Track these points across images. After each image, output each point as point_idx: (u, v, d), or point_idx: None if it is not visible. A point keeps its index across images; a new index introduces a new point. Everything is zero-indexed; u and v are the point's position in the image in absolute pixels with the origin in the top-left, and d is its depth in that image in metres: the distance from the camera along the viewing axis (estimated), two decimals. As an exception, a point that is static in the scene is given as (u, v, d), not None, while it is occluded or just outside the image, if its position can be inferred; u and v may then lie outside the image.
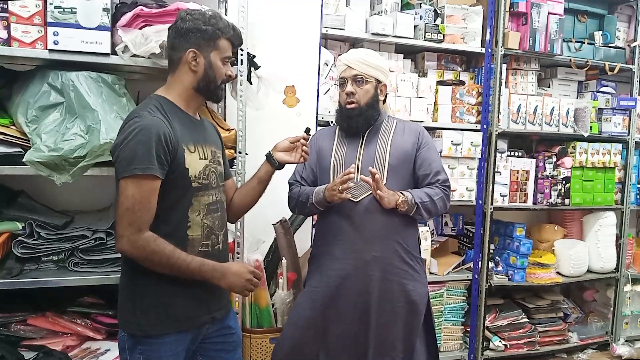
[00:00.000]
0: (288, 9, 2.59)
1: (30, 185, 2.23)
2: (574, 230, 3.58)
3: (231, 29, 1.61)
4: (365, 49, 2.19)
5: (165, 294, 1.53)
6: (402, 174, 2.01)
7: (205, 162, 1.60)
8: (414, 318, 2.03)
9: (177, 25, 1.58)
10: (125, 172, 1.43)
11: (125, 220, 1.43)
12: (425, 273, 2.12)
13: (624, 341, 3.50)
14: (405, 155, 2.01)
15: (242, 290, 1.58)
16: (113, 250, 2.01)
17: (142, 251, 1.44)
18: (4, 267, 1.92)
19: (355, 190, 1.96)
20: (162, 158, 1.45)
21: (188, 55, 1.55)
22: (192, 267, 1.49)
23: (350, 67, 1.99)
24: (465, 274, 3.12)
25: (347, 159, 2.02)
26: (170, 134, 1.48)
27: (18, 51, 1.86)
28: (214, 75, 1.59)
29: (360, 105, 1.99)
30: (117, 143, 1.48)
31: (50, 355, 1.92)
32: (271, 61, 2.36)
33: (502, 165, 3.15)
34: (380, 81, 2.03)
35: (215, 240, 1.63)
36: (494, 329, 3.22)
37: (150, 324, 1.52)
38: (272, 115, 2.42)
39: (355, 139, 2.05)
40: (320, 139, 2.13)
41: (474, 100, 3.09)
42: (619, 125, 3.44)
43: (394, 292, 1.98)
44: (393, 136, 2.03)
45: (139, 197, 1.43)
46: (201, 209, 1.57)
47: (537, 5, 3.06)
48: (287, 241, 2.42)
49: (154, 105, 1.52)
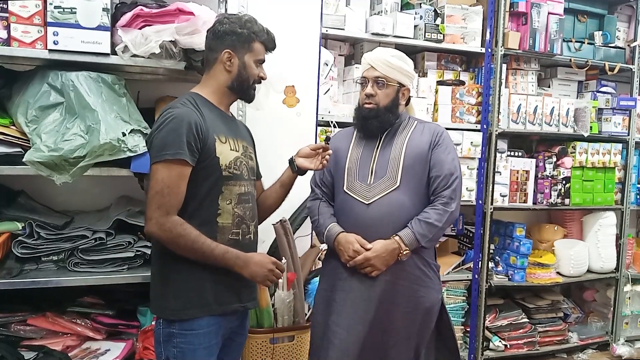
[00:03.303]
0: (288, 9, 2.58)
1: (30, 185, 2.23)
2: (574, 230, 3.58)
3: (265, 33, 1.69)
4: (392, 49, 2.04)
5: (195, 277, 1.58)
6: (417, 174, 1.92)
7: (236, 154, 1.66)
8: (425, 326, 1.97)
9: (214, 28, 1.66)
10: (156, 158, 1.51)
11: (154, 203, 1.50)
12: (439, 279, 2.02)
13: (624, 341, 3.50)
14: (421, 154, 1.93)
15: (263, 280, 1.63)
16: (113, 250, 2.00)
17: (168, 234, 1.50)
18: (4, 267, 1.92)
19: (367, 192, 1.92)
20: (192, 145, 1.52)
21: (223, 55, 1.64)
22: (216, 253, 1.55)
23: (373, 68, 1.92)
24: (465, 274, 3.12)
25: (362, 161, 1.97)
26: (200, 123, 1.55)
27: (18, 51, 1.86)
28: (247, 75, 1.67)
29: (379, 107, 1.93)
30: (151, 132, 1.57)
31: (50, 355, 1.92)
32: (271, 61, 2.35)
33: (502, 165, 3.15)
34: (403, 85, 1.96)
35: (246, 229, 1.68)
36: (494, 329, 3.22)
37: (182, 308, 1.57)
38: (272, 115, 2.42)
39: (373, 141, 1.99)
40: (337, 140, 2.09)
41: (474, 100, 3.09)
42: (619, 125, 3.44)
43: (403, 296, 1.92)
44: (410, 137, 1.96)
45: (168, 181, 1.49)
46: (232, 198, 1.63)
47: (537, 5, 3.06)
48: (287, 241, 2.42)
49: (186, 99, 1.60)
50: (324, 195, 2.07)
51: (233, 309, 1.67)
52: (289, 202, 2.35)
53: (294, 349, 2.38)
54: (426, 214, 1.90)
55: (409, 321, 1.94)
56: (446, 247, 3.25)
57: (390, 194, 1.90)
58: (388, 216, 1.89)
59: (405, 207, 1.91)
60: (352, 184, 1.96)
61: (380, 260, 1.86)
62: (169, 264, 1.58)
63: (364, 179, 1.94)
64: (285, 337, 2.37)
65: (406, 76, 1.96)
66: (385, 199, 1.90)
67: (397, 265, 1.90)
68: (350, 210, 1.94)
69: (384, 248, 1.86)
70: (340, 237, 1.92)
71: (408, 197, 1.91)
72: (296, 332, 2.38)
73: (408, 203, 1.91)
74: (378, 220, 1.90)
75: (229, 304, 1.65)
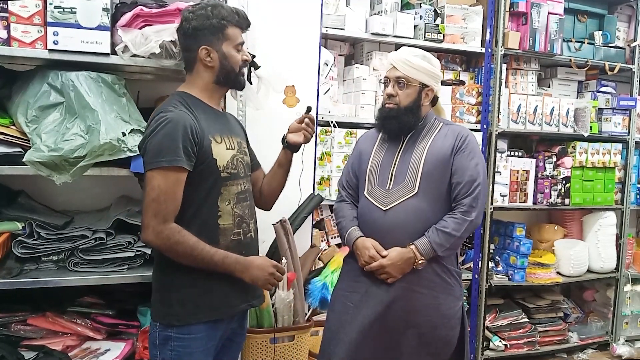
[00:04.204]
0: (288, 9, 2.58)
1: (30, 185, 2.23)
2: (574, 230, 3.58)
3: (235, 14, 1.61)
4: (415, 48, 1.97)
5: (202, 282, 1.55)
6: (437, 181, 1.86)
7: (232, 152, 1.63)
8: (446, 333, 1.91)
9: (182, 27, 1.59)
10: (152, 164, 1.47)
11: (151, 211, 1.46)
12: (461, 286, 1.98)
13: (624, 341, 3.50)
14: (442, 159, 1.87)
15: (265, 284, 1.60)
16: (113, 250, 2.00)
17: (166, 241, 1.47)
18: (4, 267, 1.92)
19: (385, 198, 1.89)
20: (188, 150, 1.48)
21: (201, 53, 1.57)
22: (216, 259, 1.52)
23: (394, 68, 1.89)
24: (466, 274, 3.11)
25: (382, 165, 1.94)
26: (195, 126, 1.51)
27: (18, 51, 1.86)
28: (231, 65, 1.61)
29: (399, 107, 1.89)
30: (144, 137, 1.52)
31: (50, 355, 1.92)
32: (271, 61, 2.35)
33: (502, 165, 3.15)
34: (426, 85, 1.90)
35: (247, 228, 1.66)
36: (494, 328, 3.22)
37: (189, 313, 1.54)
38: (272, 115, 2.41)
39: (396, 143, 1.95)
40: (363, 142, 2.08)
41: (474, 100, 3.09)
42: (619, 125, 3.44)
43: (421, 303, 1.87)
44: (433, 141, 1.91)
45: (164, 188, 1.46)
46: (231, 198, 1.60)
47: (537, 5, 3.06)
48: (287, 241, 2.42)
49: (177, 101, 1.56)
50: (349, 197, 2.05)
51: (241, 309, 1.65)
52: (289, 202, 2.36)
53: (294, 349, 2.38)
54: (444, 222, 1.85)
55: (429, 328, 1.89)
56: (446, 247, 3.25)
57: (408, 200, 1.86)
58: (404, 223, 1.86)
59: (423, 213, 1.86)
60: (372, 188, 1.94)
61: (395, 268, 1.83)
62: (172, 269, 1.54)
63: (382, 184, 1.92)
64: (285, 337, 2.38)
65: (430, 76, 1.90)
66: (402, 205, 1.86)
67: (413, 273, 1.86)
68: (369, 215, 1.93)
69: (399, 256, 1.83)
70: (358, 242, 1.91)
71: (427, 204, 1.87)
72: (296, 332, 2.38)
73: (427, 210, 1.86)
74: (394, 227, 1.86)
75: (237, 305, 1.63)
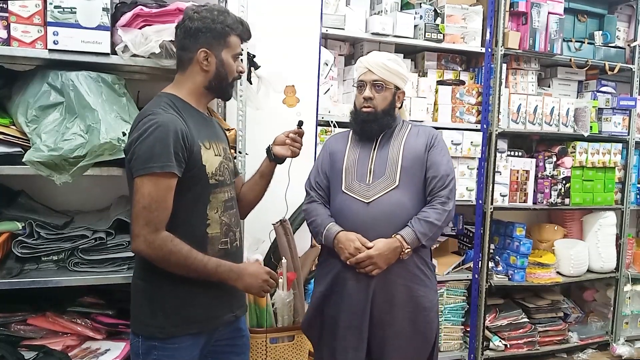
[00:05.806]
0: (288, 8, 2.59)
1: (30, 185, 2.23)
2: (574, 230, 3.58)
3: (240, 24, 1.58)
4: (388, 53, 2.08)
5: (187, 294, 1.50)
6: (415, 175, 1.95)
7: (220, 159, 1.59)
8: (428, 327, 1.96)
9: (185, 25, 1.54)
10: (142, 170, 1.39)
11: (141, 220, 1.39)
12: (436, 279, 2.05)
13: (624, 341, 3.50)
14: (418, 157, 1.96)
15: (259, 291, 1.57)
16: (113, 250, 2.00)
17: (159, 251, 1.41)
18: (4, 267, 1.92)
19: (366, 192, 1.93)
20: (179, 155, 1.42)
21: (199, 55, 1.52)
22: (209, 268, 1.47)
23: (370, 71, 1.94)
24: (465, 274, 3.12)
25: (359, 161, 1.98)
26: (186, 131, 1.45)
27: (18, 51, 1.85)
28: (226, 73, 1.57)
29: (377, 111, 1.94)
30: (132, 140, 1.43)
31: (50, 355, 1.91)
32: (271, 61, 2.36)
33: (502, 165, 3.15)
34: (399, 88, 1.99)
35: (233, 237, 1.62)
36: (494, 328, 3.22)
37: (174, 325, 1.49)
38: (272, 115, 2.42)
39: (369, 143, 2.01)
40: (333, 143, 2.11)
41: (474, 100, 3.09)
42: (619, 125, 3.44)
43: (402, 295, 1.92)
44: (406, 139, 1.99)
45: (155, 195, 1.39)
46: (219, 206, 1.56)
47: (537, 5, 3.06)
48: (287, 241, 2.42)
49: (165, 103, 1.50)
50: (320, 198, 2.06)
51: (225, 321, 1.61)
52: (289, 202, 2.36)
53: (294, 349, 2.38)
54: (425, 213, 1.92)
55: (409, 321, 1.94)
56: (446, 247, 3.25)
57: (390, 193, 1.92)
58: (388, 215, 1.91)
59: (404, 206, 1.93)
60: (350, 183, 1.97)
61: (382, 258, 1.86)
62: (155, 281, 1.50)
63: (362, 179, 1.95)
64: (285, 337, 2.38)
65: (402, 79, 1.99)
66: (385, 197, 1.91)
67: (397, 264, 1.90)
68: (349, 209, 1.95)
69: (386, 247, 1.86)
70: (340, 235, 1.92)
71: (407, 197, 1.93)
72: (296, 332, 2.38)
73: (407, 203, 1.93)
74: (378, 218, 1.90)
75: (221, 316, 1.59)
